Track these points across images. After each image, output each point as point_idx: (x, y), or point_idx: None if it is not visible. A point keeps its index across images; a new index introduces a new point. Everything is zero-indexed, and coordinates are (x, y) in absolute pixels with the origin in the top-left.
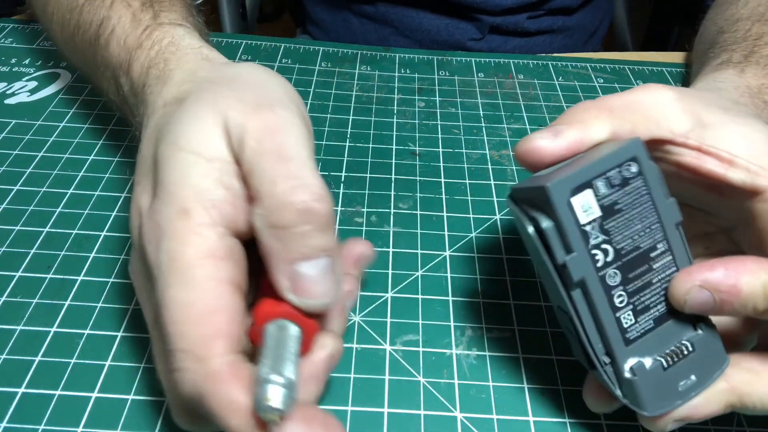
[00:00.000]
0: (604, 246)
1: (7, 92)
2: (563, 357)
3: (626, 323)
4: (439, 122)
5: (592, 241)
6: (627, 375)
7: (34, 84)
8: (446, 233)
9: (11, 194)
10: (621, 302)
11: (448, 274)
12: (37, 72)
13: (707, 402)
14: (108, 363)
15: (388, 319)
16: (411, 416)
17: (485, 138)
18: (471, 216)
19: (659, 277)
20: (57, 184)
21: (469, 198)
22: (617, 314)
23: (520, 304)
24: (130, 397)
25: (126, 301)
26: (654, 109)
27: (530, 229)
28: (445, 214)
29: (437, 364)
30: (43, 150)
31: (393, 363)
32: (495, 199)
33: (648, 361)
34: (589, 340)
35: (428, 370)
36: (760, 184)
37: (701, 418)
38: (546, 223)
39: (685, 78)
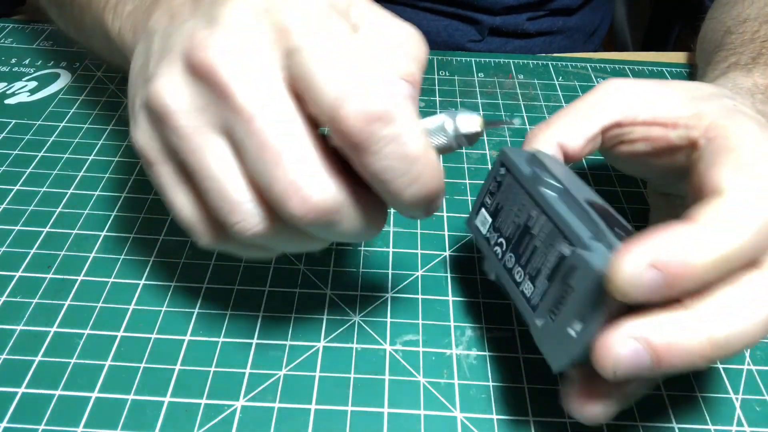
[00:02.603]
0: (499, 240)
1: (7, 92)
2: None
3: (528, 292)
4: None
5: (492, 243)
6: (536, 339)
7: (34, 84)
8: (446, 233)
9: (11, 194)
10: (520, 277)
11: (448, 274)
12: (37, 72)
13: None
14: (108, 363)
15: (388, 319)
16: (411, 416)
17: (485, 138)
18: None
19: (540, 239)
20: (57, 184)
21: (469, 198)
22: (520, 288)
23: None
24: (130, 397)
25: (126, 301)
26: (609, 99)
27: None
28: (445, 214)
29: (437, 364)
30: (43, 150)
31: (393, 363)
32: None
33: (541, 321)
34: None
35: (428, 370)
36: (692, 136)
37: (612, 362)
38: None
39: (685, 78)
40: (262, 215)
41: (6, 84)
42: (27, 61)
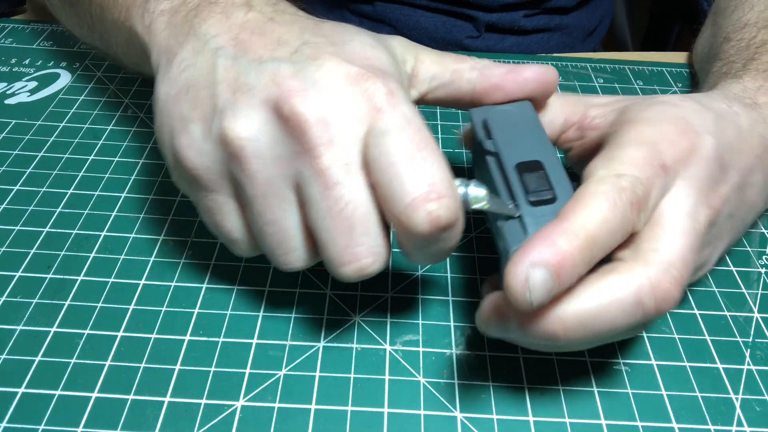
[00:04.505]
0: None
1: (7, 92)
2: (563, 357)
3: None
4: (439, 122)
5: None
6: None
7: (34, 84)
8: None
9: (11, 194)
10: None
11: (448, 274)
12: (37, 72)
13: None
14: (108, 363)
15: (388, 319)
16: (411, 416)
17: None
18: (471, 216)
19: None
20: (57, 184)
21: None
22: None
23: None
24: (130, 397)
25: (126, 300)
26: (555, 108)
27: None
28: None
29: (437, 364)
30: (43, 150)
31: (393, 363)
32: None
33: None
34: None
35: (428, 370)
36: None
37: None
38: None
39: (685, 78)
40: (308, 257)
41: (6, 84)
42: (27, 61)
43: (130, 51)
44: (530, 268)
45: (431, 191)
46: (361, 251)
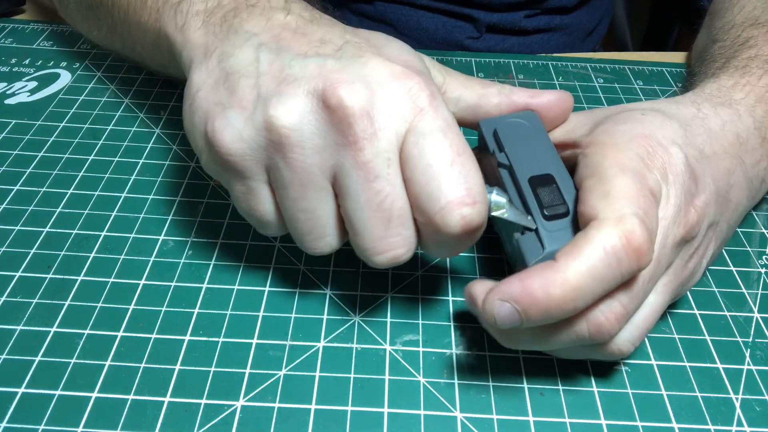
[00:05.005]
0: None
1: (7, 92)
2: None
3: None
4: None
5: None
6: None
7: (34, 84)
8: None
9: (11, 194)
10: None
11: (448, 274)
12: (37, 72)
13: None
14: (108, 363)
15: (388, 319)
16: (411, 416)
17: None
18: None
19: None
20: (57, 184)
21: None
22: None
23: None
24: (130, 397)
25: (126, 301)
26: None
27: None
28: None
29: (437, 364)
30: (43, 150)
31: (393, 363)
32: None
33: None
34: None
35: (428, 370)
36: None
37: None
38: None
39: (685, 78)
40: (337, 243)
41: (6, 84)
42: (27, 61)
43: (158, 52)
44: (500, 302)
45: (467, 196)
46: (396, 242)
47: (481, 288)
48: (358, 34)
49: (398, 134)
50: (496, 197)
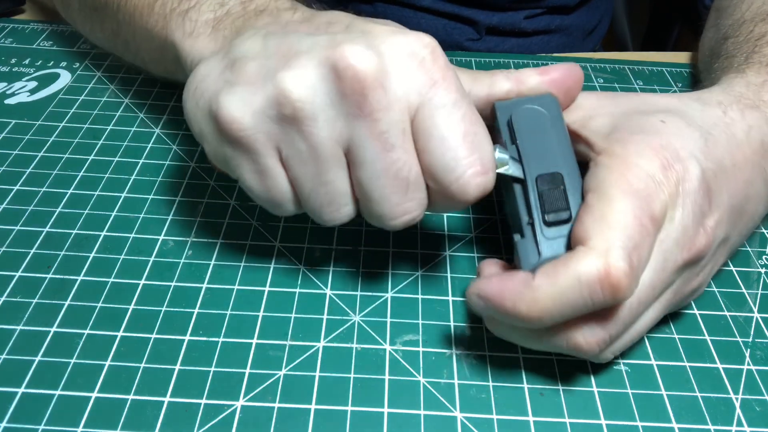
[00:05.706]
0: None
1: (7, 92)
2: (563, 357)
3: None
4: None
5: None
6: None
7: (34, 84)
8: (446, 233)
9: (11, 194)
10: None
11: (448, 274)
12: (37, 72)
13: None
14: (108, 363)
15: (388, 319)
16: (411, 416)
17: None
18: (471, 216)
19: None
20: (57, 184)
21: None
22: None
23: None
24: (130, 397)
25: (126, 301)
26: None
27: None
28: (445, 214)
29: (437, 364)
30: (43, 150)
31: (393, 363)
32: (495, 198)
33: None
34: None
35: (428, 370)
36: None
37: None
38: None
39: (685, 78)
40: (353, 211)
41: (6, 84)
42: (27, 61)
43: (162, 58)
44: (476, 297)
45: (480, 166)
46: (412, 206)
47: (488, 270)
48: (364, 18)
49: (411, 104)
50: (499, 154)
